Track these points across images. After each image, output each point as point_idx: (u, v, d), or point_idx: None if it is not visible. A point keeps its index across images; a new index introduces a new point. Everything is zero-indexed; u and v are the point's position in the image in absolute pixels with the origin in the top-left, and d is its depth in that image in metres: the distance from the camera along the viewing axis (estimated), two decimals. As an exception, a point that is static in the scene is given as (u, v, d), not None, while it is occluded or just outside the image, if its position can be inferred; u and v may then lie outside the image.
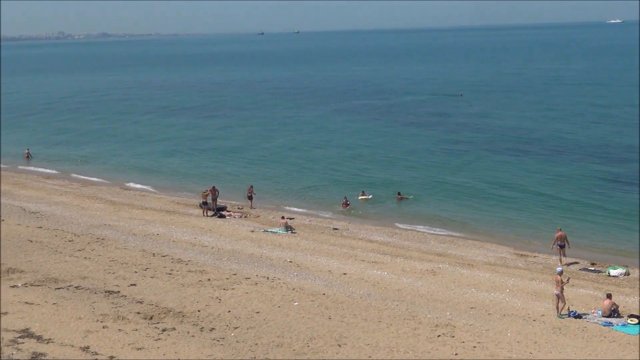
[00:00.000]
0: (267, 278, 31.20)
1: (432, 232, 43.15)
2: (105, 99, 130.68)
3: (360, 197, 50.80)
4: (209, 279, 30.69)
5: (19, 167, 66.59)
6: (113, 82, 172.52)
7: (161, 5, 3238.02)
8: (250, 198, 49.65)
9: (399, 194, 50.82)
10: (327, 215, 47.69)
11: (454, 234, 42.66)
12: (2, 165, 66.26)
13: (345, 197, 49.71)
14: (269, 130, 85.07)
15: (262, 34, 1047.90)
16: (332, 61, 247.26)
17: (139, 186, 57.31)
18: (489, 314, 27.14)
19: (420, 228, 44.10)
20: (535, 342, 24.19)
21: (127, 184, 58.05)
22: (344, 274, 32.44)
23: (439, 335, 24.59)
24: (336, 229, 43.32)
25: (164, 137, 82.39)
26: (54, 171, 64.29)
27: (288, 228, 41.77)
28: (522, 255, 38.02)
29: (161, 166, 65.82)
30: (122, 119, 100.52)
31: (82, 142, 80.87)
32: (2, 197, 49.21)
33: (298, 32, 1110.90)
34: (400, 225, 44.72)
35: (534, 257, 37.75)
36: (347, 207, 48.62)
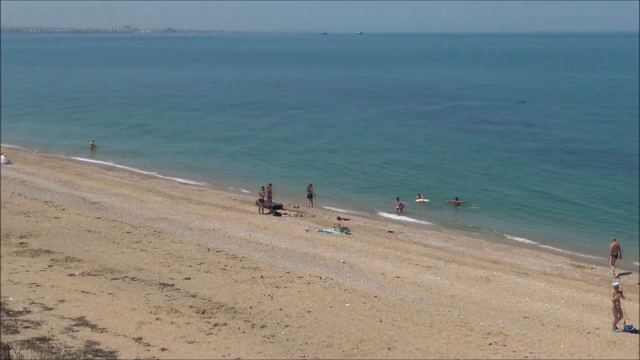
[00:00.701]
0: (320, 278, 31.25)
1: (487, 239, 42.72)
2: (161, 94, 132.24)
3: (417, 200, 50.54)
4: (262, 276, 30.85)
5: (72, 157, 68.31)
6: (171, 77, 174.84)
7: (226, 4, 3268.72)
8: (310, 197, 49.82)
9: (456, 199, 50.42)
10: (383, 218, 47.57)
11: (508, 242, 42.18)
12: (61, 155, 68.74)
13: (398, 198, 49.49)
14: (320, 130, 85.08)
15: (326, 34, 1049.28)
16: (393, 63, 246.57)
17: (192, 182, 57.67)
18: (543, 324, 26.78)
19: (476, 234, 43.72)
20: (589, 355, 23.78)
21: (179, 180, 58.51)
22: (397, 277, 32.34)
23: (490, 344, 24.34)
24: (391, 231, 43.18)
25: (219, 135, 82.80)
26: (113, 163, 65.34)
27: (343, 229, 41.76)
28: (579, 266, 37.40)
29: (215, 163, 66.31)
30: (178, 115, 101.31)
31: (135, 135, 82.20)
32: (64, 187, 50.41)
33: (361, 33, 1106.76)
34: (456, 231, 44.37)
35: (592, 268, 37.11)
36: (402, 209, 48.37)
